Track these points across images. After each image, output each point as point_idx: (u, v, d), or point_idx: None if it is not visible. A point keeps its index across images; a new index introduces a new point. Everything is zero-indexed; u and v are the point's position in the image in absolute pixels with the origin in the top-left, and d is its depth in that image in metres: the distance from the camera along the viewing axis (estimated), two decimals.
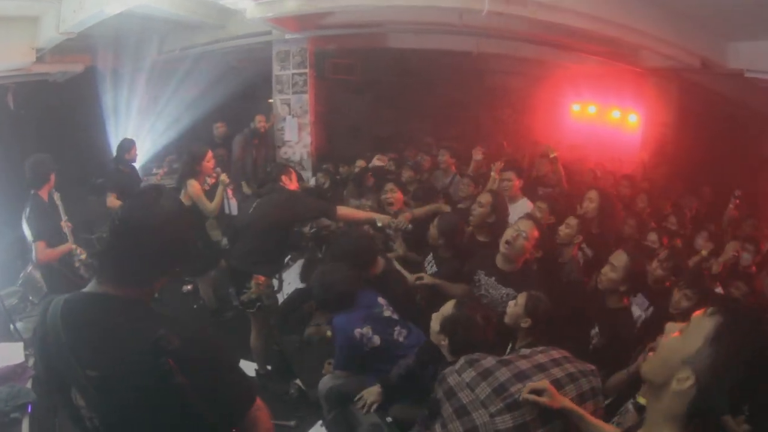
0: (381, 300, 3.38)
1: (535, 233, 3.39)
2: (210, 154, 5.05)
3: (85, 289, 1.62)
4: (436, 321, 2.73)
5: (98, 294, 1.58)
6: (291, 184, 4.42)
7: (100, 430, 1.57)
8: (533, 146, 7.89)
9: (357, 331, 3.12)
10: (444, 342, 2.67)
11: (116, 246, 1.59)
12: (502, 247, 3.37)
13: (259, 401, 1.71)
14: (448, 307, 2.71)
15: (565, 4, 4.89)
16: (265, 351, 4.36)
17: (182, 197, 4.97)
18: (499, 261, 3.45)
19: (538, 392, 1.91)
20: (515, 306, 2.84)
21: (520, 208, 4.51)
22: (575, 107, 9.14)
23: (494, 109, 10.24)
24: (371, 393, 3.14)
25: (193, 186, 4.84)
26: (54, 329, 1.54)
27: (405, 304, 3.53)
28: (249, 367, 4.54)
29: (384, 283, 3.59)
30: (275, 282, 4.49)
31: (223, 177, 5.00)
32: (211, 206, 4.91)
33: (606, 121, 8.40)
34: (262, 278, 4.03)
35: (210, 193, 4.98)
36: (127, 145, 5.89)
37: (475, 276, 3.53)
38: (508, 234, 3.37)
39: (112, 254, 1.59)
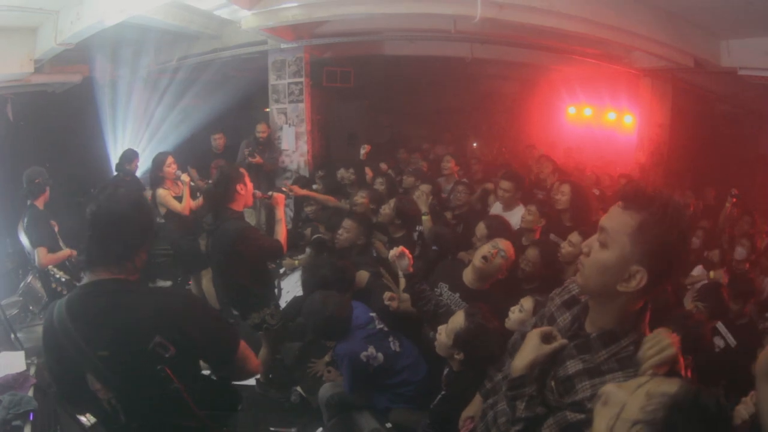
0: (371, 313, 3.33)
1: (512, 254, 3.17)
2: (170, 159, 5.23)
3: (80, 283, 1.86)
4: (447, 335, 2.57)
5: (92, 282, 1.83)
6: (245, 190, 3.73)
7: (118, 408, 1.80)
8: (528, 150, 7.96)
9: (363, 355, 3.07)
10: (459, 356, 2.56)
11: (93, 234, 1.83)
12: (478, 262, 3.14)
13: (243, 343, 2.01)
14: (459, 320, 2.55)
15: (558, 8, 4.92)
16: (271, 364, 4.30)
17: (160, 206, 5.20)
18: (468, 278, 3.24)
19: None
20: None
21: (517, 215, 4.49)
22: (571, 110, 9.19)
23: (490, 114, 10.29)
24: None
25: (159, 194, 5.13)
26: (61, 324, 1.75)
27: (391, 315, 3.45)
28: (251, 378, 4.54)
29: (369, 296, 3.57)
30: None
31: (184, 176, 5.19)
32: (179, 206, 5.15)
33: (602, 123, 8.44)
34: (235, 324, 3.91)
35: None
36: (130, 156, 5.95)
37: (437, 288, 3.35)
38: (486, 249, 3.15)
39: (93, 243, 1.84)
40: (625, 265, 1.36)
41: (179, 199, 5.20)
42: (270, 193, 4.01)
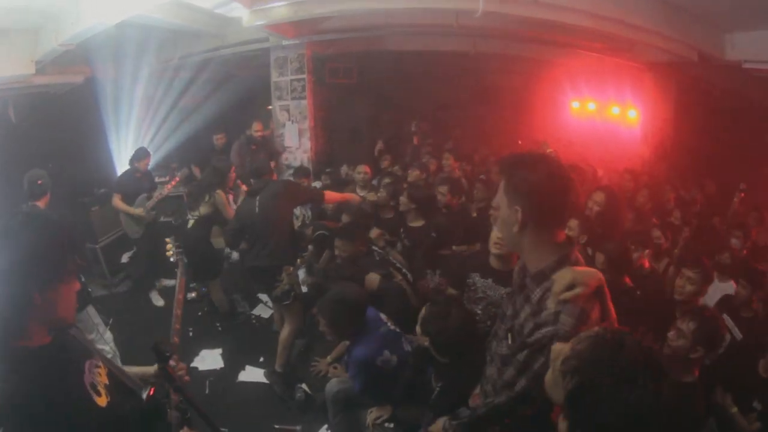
0: (381, 315, 3.34)
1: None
2: (233, 167, 5.46)
3: None
4: (418, 324, 2.81)
5: None
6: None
7: None
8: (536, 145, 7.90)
9: (379, 360, 3.09)
10: (426, 342, 2.74)
11: None
12: (493, 249, 3.16)
13: None
14: (423, 310, 2.81)
15: (560, 1, 4.90)
16: (292, 347, 4.39)
17: (205, 207, 5.22)
18: (493, 261, 3.23)
19: None
20: None
21: None
22: (575, 104, 9.13)
23: (493, 109, 10.23)
24: (382, 410, 3.21)
25: (221, 195, 5.16)
26: None
27: (404, 318, 3.45)
28: (257, 374, 4.56)
29: (381, 299, 3.57)
30: None
31: (243, 187, 5.41)
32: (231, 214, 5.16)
33: (606, 117, 8.38)
34: (290, 268, 4.22)
35: None
36: (141, 154, 6.02)
37: (469, 279, 3.34)
38: (494, 235, 3.15)
39: None
40: (510, 212, 1.68)
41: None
42: None
